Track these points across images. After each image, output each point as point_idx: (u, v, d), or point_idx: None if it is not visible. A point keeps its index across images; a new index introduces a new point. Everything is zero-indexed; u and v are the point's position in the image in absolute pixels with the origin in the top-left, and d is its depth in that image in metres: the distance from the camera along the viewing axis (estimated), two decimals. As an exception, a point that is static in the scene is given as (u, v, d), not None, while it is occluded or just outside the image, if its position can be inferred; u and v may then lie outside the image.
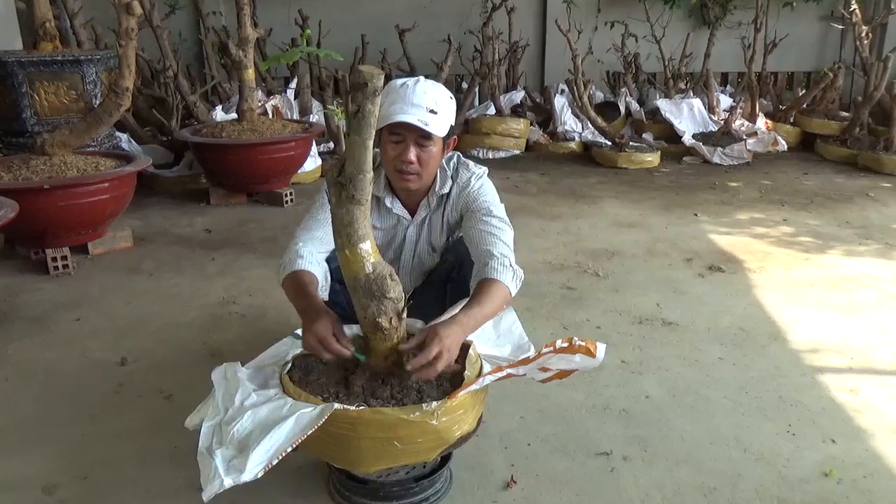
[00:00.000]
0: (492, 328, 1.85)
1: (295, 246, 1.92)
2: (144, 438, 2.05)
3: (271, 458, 1.40)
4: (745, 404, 2.19)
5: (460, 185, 2.05)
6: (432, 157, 1.91)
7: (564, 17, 6.57)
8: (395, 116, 1.79)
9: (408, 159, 1.87)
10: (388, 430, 1.51)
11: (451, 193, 2.05)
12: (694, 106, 6.29)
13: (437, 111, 1.83)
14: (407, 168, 1.89)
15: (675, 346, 2.60)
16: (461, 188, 2.04)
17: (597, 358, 1.54)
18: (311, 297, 1.78)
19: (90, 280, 3.36)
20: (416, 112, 1.80)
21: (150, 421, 2.15)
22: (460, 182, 2.05)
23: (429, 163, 1.91)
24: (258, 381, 1.68)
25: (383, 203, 2.08)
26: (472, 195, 2.02)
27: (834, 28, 7.10)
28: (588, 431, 2.05)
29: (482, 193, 2.02)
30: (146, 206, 4.56)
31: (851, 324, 2.78)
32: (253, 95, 4.69)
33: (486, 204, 1.99)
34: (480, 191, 2.03)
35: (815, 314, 2.88)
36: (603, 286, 3.19)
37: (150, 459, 1.95)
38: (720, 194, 4.85)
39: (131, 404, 2.25)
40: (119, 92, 3.27)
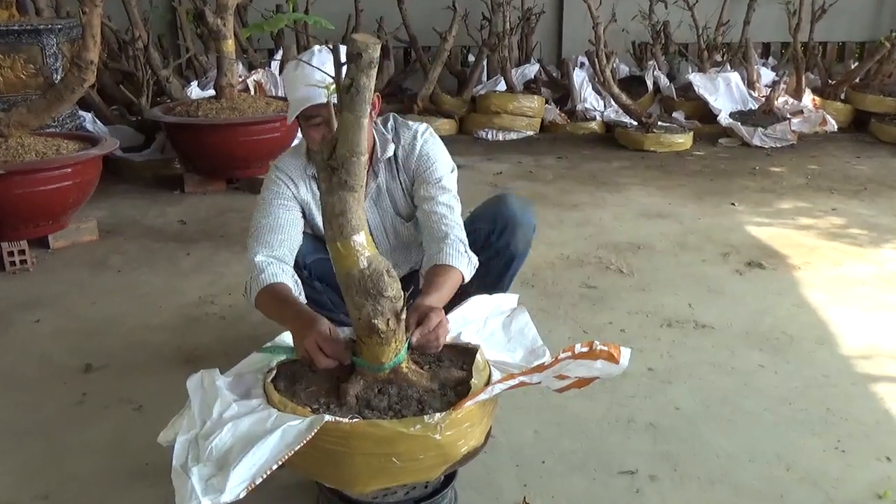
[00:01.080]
0: (501, 330, 1.86)
1: (254, 259, 1.97)
2: (111, 454, 2.06)
3: (255, 477, 1.40)
4: (789, 417, 2.19)
5: (405, 147, 2.14)
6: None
7: (584, -20, 6.56)
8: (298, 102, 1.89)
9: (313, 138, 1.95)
10: (386, 446, 1.51)
11: (398, 156, 2.14)
12: (731, 81, 6.27)
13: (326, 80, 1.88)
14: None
15: (709, 351, 2.60)
16: (407, 151, 2.13)
17: (620, 364, 1.54)
18: (295, 303, 1.83)
19: (51, 277, 3.37)
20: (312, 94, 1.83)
21: (117, 434, 2.16)
22: (405, 144, 2.14)
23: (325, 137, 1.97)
24: (239, 391, 1.68)
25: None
26: (420, 159, 2.11)
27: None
28: (610, 447, 2.05)
29: (431, 158, 2.11)
30: (113, 195, 4.57)
31: (909, 327, 2.77)
32: (233, 69, 4.69)
33: (436, 173, 2.09)
34: (429, 154, 2.12)
35: (868, 316, 2.87)
36: (627, 284, 3.19)
37: (118, 477, 1.96)
38: (761, 181, 4.84)
39: (97, 416, 2.26)
40: (83, 66, 3.27)
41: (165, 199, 4.56)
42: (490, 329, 1.88)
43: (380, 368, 1.62)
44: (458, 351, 1.79)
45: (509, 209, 2.15)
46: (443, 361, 1.75)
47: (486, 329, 1.88)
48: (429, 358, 1.75)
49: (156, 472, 1.92)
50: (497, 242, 2.14)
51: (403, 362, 1.63)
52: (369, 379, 1.64)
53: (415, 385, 1.62)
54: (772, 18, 6.92)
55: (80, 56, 3.27)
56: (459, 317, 1.90)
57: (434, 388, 1.63)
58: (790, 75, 6.29)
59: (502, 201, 2.18)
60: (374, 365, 1.62)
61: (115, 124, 5.21)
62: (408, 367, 1.64)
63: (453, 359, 1.76)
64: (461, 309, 1.92)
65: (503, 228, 2.14)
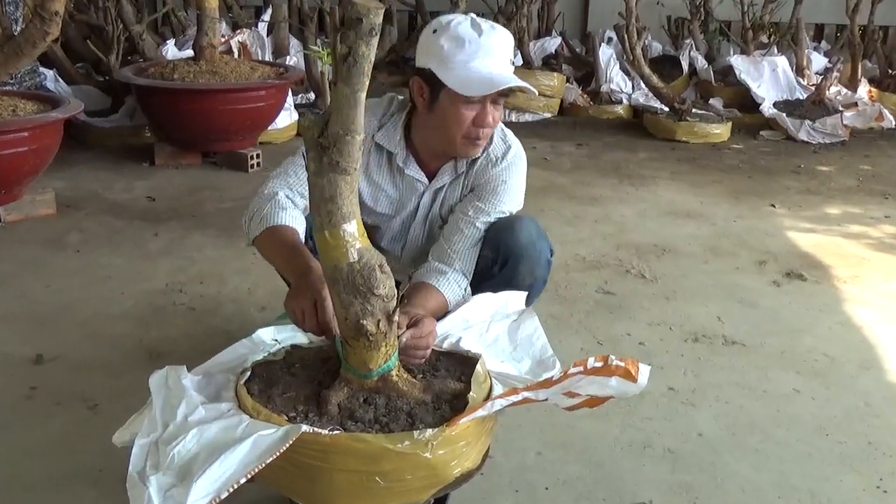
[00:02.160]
0: (507, 336, 1.86)
1: (272, 190, 2.01)
2: (62, 456, 2.06)
3: (220, 490, 1.40)
4: (825, 450, 2.19)
5: (492, 156, 2.14)
6: (500, 115, 2.05)
7: (617, -56, 6.54)
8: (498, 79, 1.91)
9: (489, 123, 1.99)
10: (370, 463, 1.51)
11: (479, 159, 2.14)
12: (778, 66, 6.27)
13: (514, 61, 2.01)
14: (484, 133, 2.01)
15: (738, 371, 2.61)
16: (491, 161, 2.14)
17: (638, 383, 1.53)
18: (301, 251, 1.87)
19: (0, 254, 3.38)
20: (506, 67, 1.95)
21: (69, 434, 2.16)
22: (493, 152, 2.14)
23: (498, 120, 2.05)
24: (208, 392, 1.68)
25: (395, 162, 2.14)
26: (494, 179, 2.12)
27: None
28: (623, 475, 2.06)
29: (506, 185, 2.13)
30: (74, 164, 4.57)
31: (966, 353, 2.78)
32: (215, 28, 4.69)
33: (499, 200, 2.11)
34: (506, 181, 2.13)
35: (920, 339, 2.88)
36: (650, 291, 3.19)
37: (68, 482, 1.96)
38: (805, 181, 4.84)
39: (47, 413, 2.26)
40: (46, 17, 3.26)
41: (133, 172, 4.56)
42: (494, 334, 1.88)
43: (367, 375, 1.62)
44: (457, 360, 1.79)
45: (515, 239, 2.08)
46: (439, 371, 1.75)
47: (489, 334, 1.88)
48: (423, 366, 1.76)
49: (110, 479, 1.93)
50: (499, 274, 2.10)
51: (394, 369, 1.63)
52: (355, 386, 1.64)
53: (405, 396, 1.62)
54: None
55: (44, 6, 3.26)
56: (460, 319, 1.91)
57: (427, 400, 1.63)
58: (845, 62, 6.29)
59: (511, 228, 2.11)
60: (361, 371, 1.62)
61: (80, 84, 5.21)
62: (398, 375, 1.64)
63: (451, 368, 1.76)
64: (462, 309, 1.93)
65: (506, 260, 2.09)
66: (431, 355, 1.79)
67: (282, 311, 1.86)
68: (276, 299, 2.80)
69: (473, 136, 1.99)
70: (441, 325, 1.87)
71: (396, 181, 2.18)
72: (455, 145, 2.03)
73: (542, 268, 2.14)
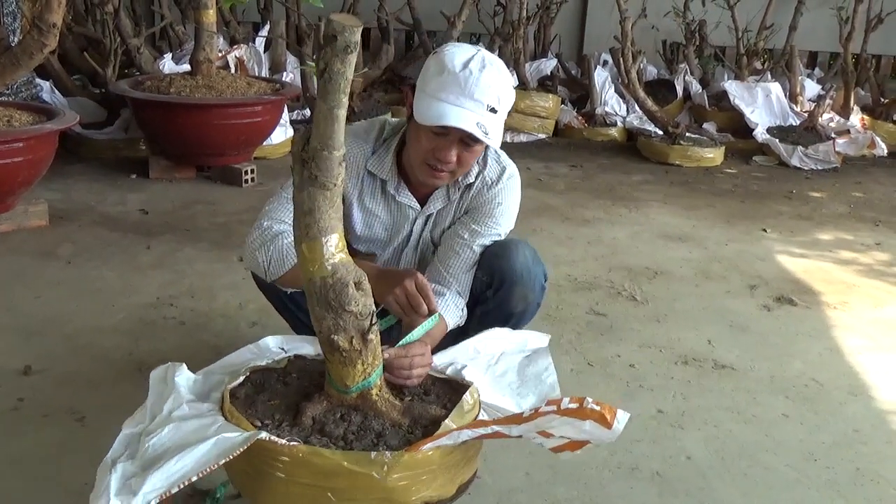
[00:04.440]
0: (515, 372, 1.83)
1: (276, 227, 1.99)
2: (48, 468, 2.05)
3: (172, 485, 1.40)
4: (813, 476, 2.20)
5: (487, 179, 2.13)
6: (474, 157, 1.99)
7: (614, -32, 6.61)
8: (447, 116, 1.83)
9: (446, 159, 1.93)
10: (323, 478, 1.51)
11: (475, 183, 2.13)
12: (771, 92, 6.31)
13: (499, 109, 1.89)
14: (442, 167, 1.96)
15: (727, 395, 2.61)
16: (487, 184, 2.13)
17: (613, 430, 1.46)
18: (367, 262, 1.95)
19: (-9, 264, 3.37)
20: (475, 110, 1.84)
21: (56, 447, 2.15)
22: (488, 175, 2.13)
23: (467, 163, 1.99)
24: (199, 391, 1.70)
25: (387, 189, 2.14)
26: (490, 202, 2.12)
27: (956, 4, 7.12)
28: (610, 498, 2.05)
29: (501, 207, 2.13)
30: (68, 175, 4.57)
31: (954, 381, 2.79)
32: (212, 43, 4.71)
33: (495, 222, 2.12)
34: (501, 203, 2.13)
35: (909, 366, 2.89)
36: (641, 314, 3.20)
37: (53, 496, 1.95)
38: (797, 206, 4.87)
39: (34, 425, 2.25)
40: (44, 28, 3.28)
41: (127, 185, 4.57)
42: (503, 367, 1.85)
43: (345, 391, 1.62)
44: (451, 387, 1.77)
45: (510, 264, 2.09)
46: (429, 395, 1.74)
47: (498, 366, 1.86)
48: (415, 389, 1.75)
49: (95, 494, 1.92)
50: (493, 297, 2.12)
51: (374, 388, 1.63)
52: (334, 402, 1.64)
53: (382, 416, 1.62)
54: (821, 25, 6.98)
55: (42, 17, 3.28)
56: (471, 348, 1.89)
57: (403, 423, 1.62)
58: (838, 90, 6.34)
59: (506, 252, 2.12)
60: (340, 386, 1.63)
61: (76, 96, 5.21)
62: (379, 394, 1.64)
63: (441, 394, 1.75)
64: (476, 339, 1.91)
65: (500, 284, 2.10)
66: (427, 379, 1.79)
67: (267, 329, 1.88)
68: (266, 316, 2.80)
69: (432, 165, 1.95)
70: (449, 352, 1.87)
71: (390, 208, 2.18)
72: (415, 167, 2.02)
73: (536, 293, 2.15)
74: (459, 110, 1.83)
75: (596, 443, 1.52)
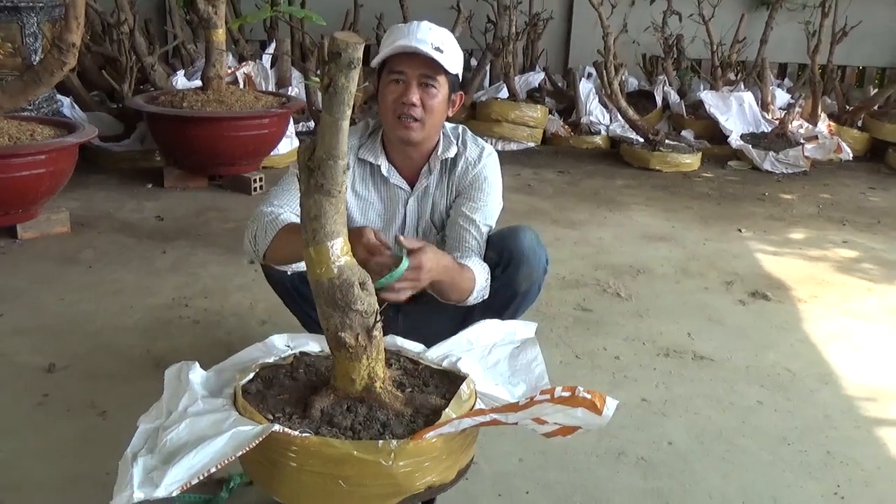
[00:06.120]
0: (507, 361, 1.83)
1: (266, 207, 2.03)
2: (71, 461, 2.05)
3: (192, 477, 1.40)
4: (787, 458, 2.20)
5: (469, 158, 2.19)
6: (437, 104, 2.04)
7: (597, -13, 6.62)
8: (398, 46, 1.95)
9: (410, 101, 1.99)
10: (334, 466, 1.50)
11: (458, 164, 2.19)
12: (744, 101, 6.32)
13: (444, 50, 1.98)
14: (409, 111, 2.00)
15: (706, 384, 2.62)
16: (470, 163, 2.19)
17: (603, 416, 1.46)
18: None
19: (17, 269, 3.36)
20: (421, 45, 1.94)
21: (79, 440, 2.15)
22: (469, 155, 2.19)
23: (433, 109, 2.03)
24: (212, 387, 1.70)
25: (379, 172, 2.18)
26: (477, 178, 2.18)
27: (916, 18, 7.15)
28: (598, 481, 2.06)
29: (488, 182, 2.19)
30: (88, 185, 4.56)
31: (917, 369, 2.80)
32: (222, 60, 4.71)
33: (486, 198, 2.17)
34: (487, 178, 2.19)
35: (876, 356, 2.89)
36: (625, 309, 3.21)
37: (76, 486, 1.95)
38: (770, 207, 4.88)
39: (58, 419, 2.25)
40: (64, 48, 3.27)
41: (143, 194, 4.56)
42: (495, 358, 1.85)
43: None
44: (448, 378, 1.77)
45: (518, 244, 2.14)
46: (428, 386, 1.74)
47: (490, 357, 1.85)
48: (414, 381, 1.75)
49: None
50: (501, 276, 2.14)
51: (378, 382, 1.63)
52: (341, 394, 1.64)
53: (386, 407, 1.61)
54: (790, 38, 7.00)
55: (62, 37, 3.27)
56: (464, 340, 1.89)
57: (406, 413, 1.62)
58: (806, 99, 6.35)
59: (514, 234, 2.17)
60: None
61: (95, 111, 5.21)
62: (382, 387, 1.64)
63: (439, 385, 1.74)
64: (468, 331, 1.91)
65: (508, 262, 2.14)
66: (426, 371, 1.79)
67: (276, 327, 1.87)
68: (275, 314, 2.81)
69: (400, 113, 2.01)
70: (445, 345, 1.87)
71: (381, 192, 2.21)
72: (389, 128, 2.09)
73: (539, 274, 2.19)
74: (407, 43, 1.95)
75: (587, 428, 1.53)
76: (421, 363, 1.82)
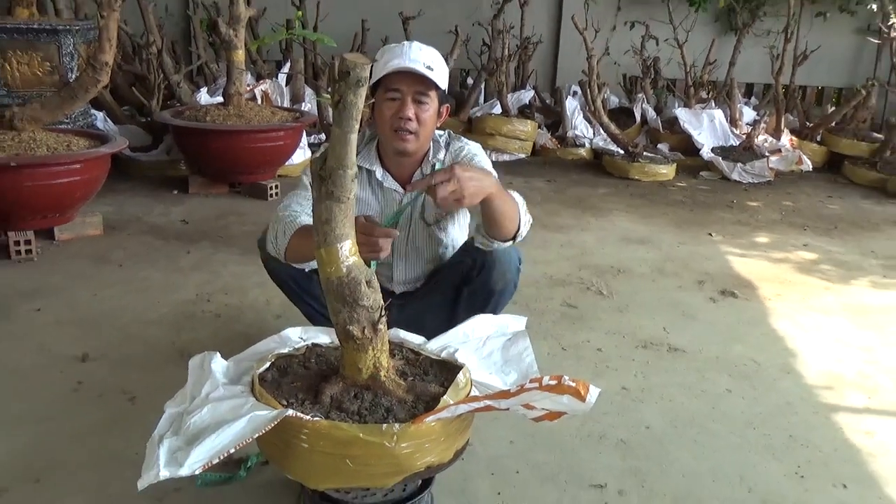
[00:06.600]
0: (500, 352, 1.83)
1: (285, 211, 1.99)
2: (103, 442, 2.05)
3: (213, 457, 1.40)
4: (753, 441, 2.20)
5: (453, 153, 2.17)
6: (429, 117, 2.03)
7: (581, 13, 6.60)
8: (393, 66, 1.93)
9: (406, 115, 1.98)
10: (342, 447, 1.50)
11: (446, 161, 2.15)
12: (715, 117, 6.33)
13: (434, 68, 1.98)
14: (405, 125, 1.99)
15: (680, 374, 2.62)
16: (454, 156, 2.16)
17: (587, 403, 1.46)
18: None
19: (54, 268, 3.36)
20: (413, 64, 1.94)
21: (110, 423, 2.14)
22: (453, 150, 2.17)
23: (426, 122, 2.02)
24: (232, 376, 1.70)
25: (374, 177, 2.17)
26: (466, 157, 2.14)
27: (870, 42, 7.16)
28: (582, 461, 2.06)
29: (477, 160, 2.14)
30: (119, 192, 4.56)
31: (872, 360, 2.79)
32: (241, 78, 4.70)
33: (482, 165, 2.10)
34: (476, 154, 2.16)
35: (833, 348, 2.89)
36: (607, 305, 3.21)
37: (108, 464, 1.95)
38: (738, 214, 4.88)
39: (91, 404, 2.25)
40: (98, 67, 3.27)
41: (169, 199, 4.56)
42: (489, 349, 1.85)
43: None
44: (447, 367, 1.77)
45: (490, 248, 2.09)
46: (427, 375, 1.74)
47: (484, 349, 1.85)
48: (415, 370, 1.75)
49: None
50: (477, 278, 2.12)
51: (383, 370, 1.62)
52: (349, 382, 1.63)
53: (390, 394, 1.61)
54: (756, 61, 7.01)
55: (96, 57, 3.27)
56: (461, 332, 1.88)
57: (408, 399, 1.61)
58: (770, 115, 6.35)
59: None
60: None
61: (126, 124, 5.20)
62: (386, 375, 1.64)
63: (438, 374, 1.74)
64: (464, 325, 1.90)
65: (482, 265, 2.11)
66: (426, 361, 1.78)
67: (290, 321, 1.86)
68: (289, 309, 2.79)
69: (396, 127, 2.00)
70: (443, 337, 1.86)
71: (378, 196, 2.20)
72: (387, 141, 2.08)
73: (513, 273, 2.16)
74: (402, 63, 1.94)
75: (572, 413, 1.53)
76: (421, 354, 1.81)
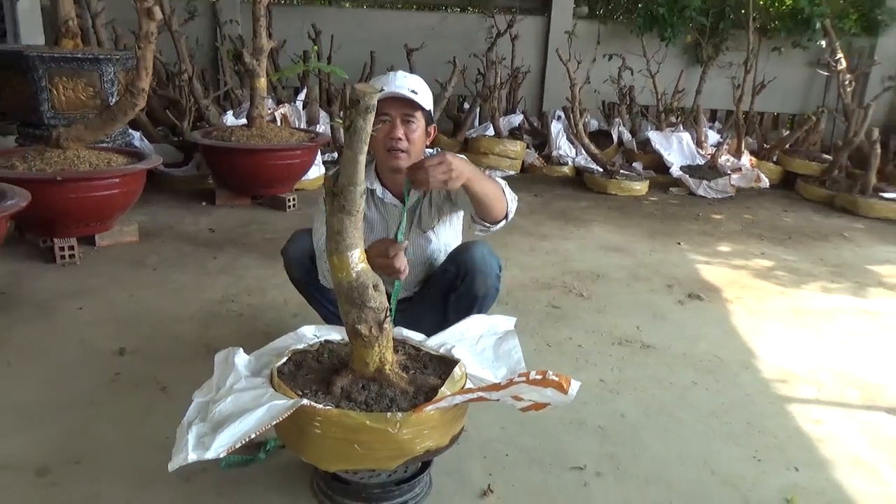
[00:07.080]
0: (492, 349, 1.83)
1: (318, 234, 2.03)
2: (139, 427, 2.05)
3: (235, 441, 1.41)
4: (716, 429, 2.21)
5: None
6: (418, 136, 2.02)
7: (565, 47, 6.63)
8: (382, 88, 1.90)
9: (396, 136, 1.98)
10: (351, 433, 1.51)
11: None
12: (683, 139, 6.33)
13: (418, 92, 1.99)
14: (396, 145, 1.99)
15: (651, 368, 2.62)
16: None
17: (568, 395, 1.47)
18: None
19: (95, 271, 3.35)
20: (400, 90, 1.95)
21: (144, 410, 2.14)
22: None
23: (416, 141, 2.02)
24: (253, 369, 1.70)
25: (376, 195, 2.17)
26: None
27: (819, 74, 7.18)
28: (564, 445, 2.06)
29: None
30: (154, 203, 4.55)
31: (821, 357, 2.80)
32: (263, 103, 4.70)
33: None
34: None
35: (787, 346, 2.90)
36: (587, 306, 3.21)
37: (143, 447, 1.95)
38: (703, 225, 4.89)
39: (127, 393, 2.25)
40: (135, 92, 3.28)
41: (198, 210, 4.55)
42: (482, 347, 1.85)
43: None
44: (444, 362, 1.78)
45: (471, 257, 2.11)
46: (427, 369, 1.74)
47: (477, 346, 1.86)
48: (416, 365, 1.75)
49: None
50: (461, 285, 2.11)
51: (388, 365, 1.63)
52: (357, 375, 1.64)
53: (394, 386, 1.62)
54: (719, 89, 7.03)
55: (134, 84, 3.28)
56: (457, 331, 1.89)
57: (410, 391, 1.62)
58: (732, 138, 6.37)
59: (467, 248, 2.14)
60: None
61: (160, 143, 5.19)
62: (391, 369, 1.64)
63: (436, 368, 1.75)
64: (460, 325, 1.91)
65: (465, 274, 2.10)
66: (425, 357, 1.79)
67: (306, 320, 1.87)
68: (305, 308, 2.79)
69: (389, 147, 2.00)
70: (441, 335, 1.86)
71: (381, 212, 2.19)
72: (381, 160, 2.08)
73: (494, 279, 2.14)
74: (388, 89, 1.94)
75: (555, 404, 1.53)
76: (421, 350, 1.82)
